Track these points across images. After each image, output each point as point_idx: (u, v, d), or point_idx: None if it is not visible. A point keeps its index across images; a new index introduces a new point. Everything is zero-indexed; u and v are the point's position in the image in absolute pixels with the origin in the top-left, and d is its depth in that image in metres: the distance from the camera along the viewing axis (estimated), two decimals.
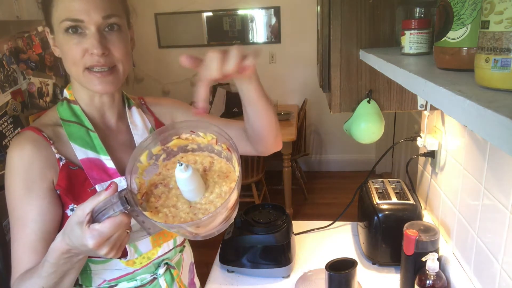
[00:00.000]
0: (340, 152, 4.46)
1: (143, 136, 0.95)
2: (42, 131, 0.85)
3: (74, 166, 0.86)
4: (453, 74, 0.55)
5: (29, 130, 0.85)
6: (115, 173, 0.88)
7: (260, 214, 1.30)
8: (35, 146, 0.83)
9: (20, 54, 1.92)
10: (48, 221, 0.83)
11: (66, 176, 0.84)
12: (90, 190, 0.85)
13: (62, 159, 0.85)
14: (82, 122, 0.89)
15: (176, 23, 4.15)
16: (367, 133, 1.12)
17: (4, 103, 1.80)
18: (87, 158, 0.86)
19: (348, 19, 1.05)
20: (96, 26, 0.80)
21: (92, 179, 0.85)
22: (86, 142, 0.87)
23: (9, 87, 1.83)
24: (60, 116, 0.89)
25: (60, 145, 0.86)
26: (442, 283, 1.00)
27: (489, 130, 0.35)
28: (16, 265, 0.82)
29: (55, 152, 0.84)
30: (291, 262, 1.24)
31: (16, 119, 1.86)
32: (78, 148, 0.86)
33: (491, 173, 0.90)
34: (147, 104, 1.05)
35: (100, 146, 0.88)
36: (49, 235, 0.83)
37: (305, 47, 4.05)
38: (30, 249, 0.81)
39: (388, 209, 1.22)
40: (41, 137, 0.84)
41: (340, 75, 1.10)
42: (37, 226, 0.82)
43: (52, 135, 0.86)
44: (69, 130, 0.87)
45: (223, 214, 0.67)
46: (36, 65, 2.01)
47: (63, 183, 0.84)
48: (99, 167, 0.87)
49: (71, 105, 0.90)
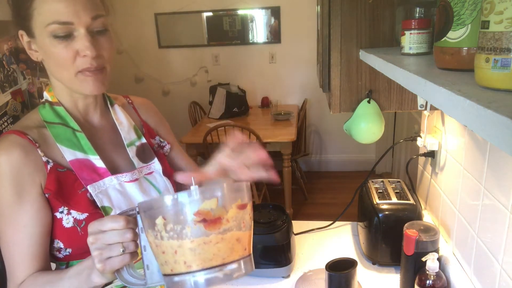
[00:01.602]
0: (340, 152, 4.46)
1: (129, 133, 0.95)
2: (27, 134, 0.83)
3: (62, 168, 0.84)
4: (453, 74, 0.55)
5: (12, 133, 0.82)
6: (106, 172, 0.86)
7: (260, 214, 1.30)
8: (22, 150, 0.80)
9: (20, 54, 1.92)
10: (41, 225, 0.81)
11: (55, 179, 0.82)
12: (81, 192, 0.84)
13: (49, 162, 0.83)
14: (67, 123, 0.87)
15: (176, 23, 4.16)
16: (367, 133, 1.12)
17: (4, 103, 1.81)
18: (76, 159, 0.85)
19: (348, 19, 1.05)
20: (86, 27, 0.78)
21: (83, 180, 0.84)
22: (73, 143, 0.86)
23: (9, 87, 1.84)
24: (44, 118, 0.86)
25: (46, 147, 0.84)
26: (442, 283, 1.00)
27: (489, 130, 0.35)
28: (13, 271, 0.81)
29: (41, 155, 0.82)
30: (291, 262, 1.25)
31: (16, 119, 1.86)
32: (66, 149, 0.85)
33: (491, 173, 0.90)
34: (134, 104, 1.05)
35: (88, 146, 0.86)
36: (43, 239, 0.82)
37: (305, 47, 4.05)
38: (27, 254, 0.80)
39: (388, 209, 1.22)
40: (26, 140, 0.82)
41: (340, 75, 1.11)
42: (31, 230, 0.80)
43: (37, 137, 0.84)
44: (55, 132, 0.85)
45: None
46: (36, 65, 2.02)
47: (53, 187, 0.82)
48: (88, 167, 0.85)
49: (54, 107, 0.88)
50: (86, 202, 0.84)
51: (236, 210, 0.63)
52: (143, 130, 1.02)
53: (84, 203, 0.83)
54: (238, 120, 3.66)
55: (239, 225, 0.64)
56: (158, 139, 1.05)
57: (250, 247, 0.68)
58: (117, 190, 0.87)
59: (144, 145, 0.96)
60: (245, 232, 0.66)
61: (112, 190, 0.86)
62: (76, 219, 0.83)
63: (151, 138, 1.03)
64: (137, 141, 0.96)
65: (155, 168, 0.96)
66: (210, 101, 3.89)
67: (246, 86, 4.09)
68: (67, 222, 0.83)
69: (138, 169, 0.93)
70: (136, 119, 1.02)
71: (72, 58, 0.79)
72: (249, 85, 4.19)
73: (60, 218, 0.82)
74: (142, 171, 0.93)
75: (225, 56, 4.24)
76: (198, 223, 0.61)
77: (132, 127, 0.97)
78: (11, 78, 1.86)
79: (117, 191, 0.87)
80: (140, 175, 0.93)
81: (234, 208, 0.63)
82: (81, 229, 0.83)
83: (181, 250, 0.61)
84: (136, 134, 0.97)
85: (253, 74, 4.27)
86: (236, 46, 4.21)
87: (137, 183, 0.91)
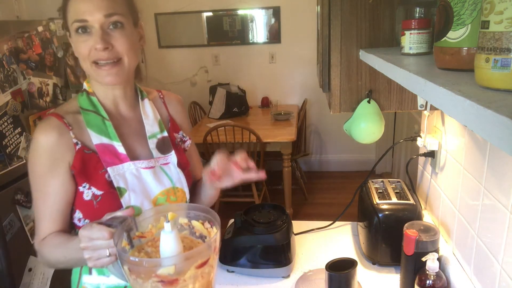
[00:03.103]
0: (340, 152, 4.46)
1: (152, 126, 1.06)
2: (64, 118, 0.97)
3: (88, 150, 0.97)
4: (453, 74, 0.55)
5: (52, 116, 0.97)
6: (125, 158, 0.98)
7: (260, 214, 1.30)
8: (58, 132, 0.94)
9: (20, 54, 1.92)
10: (65, 195, 0.96)
11: (81, 159, 0.96)
12: (101, 172, 0.96)
13: (78, 144, 0.96)
14: (98, 112, 1.00)
15: (176, 23, 4.15)
16: (367, 133, 1.12)
17: (4, 103, 1.80)
18: (101, 143, 0.97)
19: (348, 19, 1.05)
20: (99, 24, 0.90)
21: (105, 162, 0.96)
22: (101, 129, 0.98)
23: (9, 87, 1.83)
24: (80, 105, 1.00)
25: (77, 131, 0.97)
26: (442, 283, 1.00)
27: (489, 130, 0.35)
28: (39, 228, 0.97)
29: (72, 137, 0.96)
30: (291, 262, 1.25)
31: (16, 119, 1.86)
32: (94, 134, 0.97)
33: (491, 173, 0.90)
34: (164, 99, 1.16)
35: (113, 133, 0.99)
36: (65, 206, 0.97)
37: (305, 47, 4.05)
38: (51, 216, 0.96)
39: (388, 209, 1.22)
40: (62, 124, 0.96)
41: (340, 75, 1.11)
42: (57, 197, 0.95)
43: (72, 121, 0.97)
44: (87, 118, 0.98)
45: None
46: (36, 65, 2.01)
47: (78, 165, 0.95)
48: (111, 152, 0.97)
49: (90, 96, 1.01)
50: (104, 182, 0.96)
51: (195, 270, 0.72)
52: (169, 124, 1.12)
53: (102, 182, 0.96)
54: (238, 120, 3.66)
55: (198, 278, 0.73)
56: (181, 134, 1.15)
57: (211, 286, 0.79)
58: (133, 175, 0.99)
59: (164, 138, 1.07)
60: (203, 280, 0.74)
61: (129, 174, 0.98)
62: (94, 194, 0.96)
63: (175, 132, 1.13)
64: (159, 134, 1.06)
65: (171, 160, 1.06)
66: (210, 101, 3.89)
67: (246, 86, 4.09)
68: (87, 196, 0.96)
69: (156, 159, 1.03)
70: (164, 113, 1.13)
71: (88, 51, 0.92)
72: (249, 85, 4.19)
73: (82, 191, 0.96)
74: (158, 161, 1.04)
75: (225, 56, 4.24)
76: (156, 283, 0.71)
77: (156, 121, 1.08)
78: (11, 78, 1.86)
79: (133, 176, 0.98)
80: (156, 164, 1.03)
81: (193, 269, 0.72)
82: (96, 203, 0.96)
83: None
84: (159, 128, 1.07)
85: (253, 74, 4.26)
86: (236, 46, 4.21)
87: (152, 171, 1.01)
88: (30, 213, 1.90)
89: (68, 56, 2.26)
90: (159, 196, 1.00)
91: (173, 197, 1.03)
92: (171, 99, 1.17)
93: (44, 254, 0.96)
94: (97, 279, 1.02)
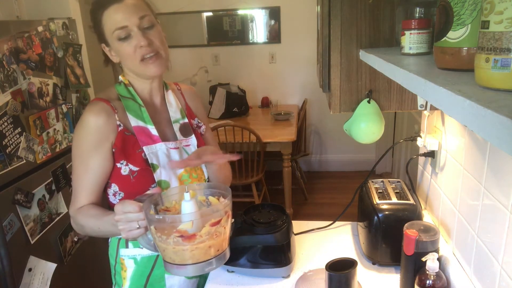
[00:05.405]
0: (340, 152, 4.46)
1: (175, 113, 1.23)
2: (111, 102, 1.12)
3: (128, 132, 1.12)
4: (453, 74, 0.55)
5: (101, 101, 1.11)
6: (158, 139, 1.14)
7: (260, 214, 1.30)
8: (106, 114, 1.09)
9: (20, 54, 1.92)
10: (103, 171, 1.10)
11: (121, 139, 1.11)
12: (138, 152, 1.11)
13: (120, 126, 1.11)
14: (135, 99, 1.16)
15: (176, 23, 4.16)
16: (367, 133, 1.12)
17: (4, 103, 1.80)
18: (138, 126, 1.13)
19: (348, 19, 1.05)
20: (137, 26, 1.07)
21: (141, 142, 1.12)
22: (138, 114, 1.14)
23: (9, 87, 1.83)
24: (119, 93, 1.15)
25: (120, 114, 1.12)
26: (442, 283, 1.00)
27: (489, 130, 0.35)
28: (76, 198, 1.11)
29: (117, 120, 1.11)
30: (291, 262, 1.24)
31: (16, 119, 1.86)
32: (132, 118, 1.13)
33: (491, 173, 0.90)
34: (181, 90, 1.32)
35: (148, 118, 1.14)
36: (102, 180, 1.11)
37: (305, 47, 4.05)
38: (89, 188, 1.10)
39: (388, 209, 1.22)
40: (110, 108, 1.11)
41: (340, 75, 1.11)
42: (98, 172, 1.09)
43: (117, 106, 1.12)
44: (126, 104, 1.14)
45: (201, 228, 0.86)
46: (36, 65, 2.01)
47: (119, 145, 1.10)
48: (146, 133, 1.13)
49: (127, 87, 1.16)
50: (140, 159, 1.11)
51: (209, 228, 0.85)
52: (186, 112, 1.28)
53: (139, 160, 1.11)
54: (238, 120, 3.66)
55: (212, 236, 0.86)
56: (197, 120, 1.31)
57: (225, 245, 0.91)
58: (164, 153, 1.14)
59: (185, 124, 1.24)
60: (217, 239, 0.87)
61: (160, 153, 1.14)
62: (131, 170, 1.11)
63: (191, 119, 1.29)
64: (181, 120, 1.24)
65: (192, 142, 1.23)
66: (210, 101, 3.89)
67: (246, 86, 4.09)
68: (124, 171, 1.11)
69: (179, 141, 1.20)
70: (182, 102, 1.29)
71: (133, 51, 1.07)
72: (249, 85, 4.19)
73: (119, 167, 1.11)
74: (182, 143, 1.21)
75: (225, 56, 4.25)
76: (177, 238, 0.84)
77: (178, 109, 1.24)
78: (11, 78, 1.86)
79: (164, 154, 1.14)
80: (180, 145, 1.20)
81: (207, 226, 0.85)
82: (133, 178, 1.11)
83: (167, 251, 0.86)
84: (181, 115, 1.24)
85: (253, 74, 4.27)
86: (236, 46, 4.21)
87: (178, 151, 1.18)
88: (30, 213, 1.90)
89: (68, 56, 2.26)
90: (183, 173, 1.17)
91: (194, 174, 1.20)
92: (186, 89, 1.34)
93: (79, 221, 1.09)
94: (133, 251, 1.18)
